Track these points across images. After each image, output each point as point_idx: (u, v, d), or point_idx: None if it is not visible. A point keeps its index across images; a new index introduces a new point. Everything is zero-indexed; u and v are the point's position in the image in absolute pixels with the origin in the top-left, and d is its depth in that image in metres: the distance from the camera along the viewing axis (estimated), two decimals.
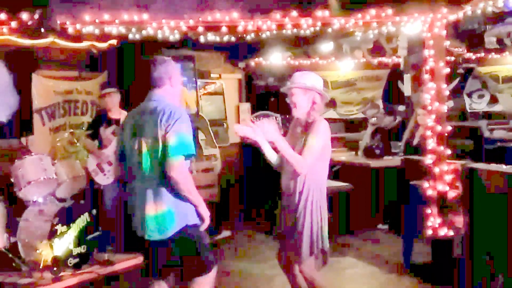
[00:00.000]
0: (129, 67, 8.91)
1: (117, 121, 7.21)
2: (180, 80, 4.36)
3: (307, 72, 4.65)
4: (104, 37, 7.67)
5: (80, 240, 6.54)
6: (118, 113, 7.35)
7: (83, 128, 8.55)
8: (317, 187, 4.53)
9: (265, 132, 4.43)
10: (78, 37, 7.62)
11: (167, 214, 3.99)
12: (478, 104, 13.87)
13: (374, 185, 8.37)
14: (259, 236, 8.42)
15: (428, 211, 6.27)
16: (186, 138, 3.92)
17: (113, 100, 7.40)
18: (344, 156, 9.34)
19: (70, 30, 6.44)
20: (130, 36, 6.97)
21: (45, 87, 8.54)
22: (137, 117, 4.16)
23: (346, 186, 8.06)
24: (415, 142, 8.53)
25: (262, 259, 7.17)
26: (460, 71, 13.06)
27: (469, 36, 11.18)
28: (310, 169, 4.44)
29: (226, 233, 8.48)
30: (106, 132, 7.27)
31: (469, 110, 13.74)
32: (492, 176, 5.50)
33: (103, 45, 8.51)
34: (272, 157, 4.69)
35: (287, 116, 12.25)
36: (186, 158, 3.97)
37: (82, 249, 6.53)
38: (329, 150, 4.60)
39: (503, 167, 5.49)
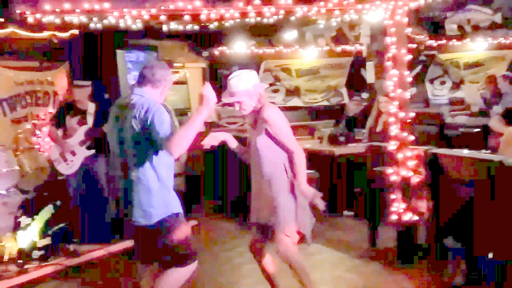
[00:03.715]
0: (91, 57, 8.84)
1: (83, 112, 7.21)
2: (166, 90, 4.36)
3: (240, 75, 4.56)
4: (65, 26, 7.56)
5: (45, 232, 6.47)
6: (85, 104, 7.31)
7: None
8: (282, 166, 4.64)
9: None
10: (38, 27, 7.50)
11: (152, 201, 4.13)
12: (440, 91, 14.05)
13: (339, 172, 8.42)
14: (225, 225, 8.42)
15: (392, 196, 6.34)
16: (166, 123, 4.00)
17: (83, 92, 7.36)
18: (309, 143, 9.37)
19: (30, 19, 6.34)
20: (92, 25, 6.89)
21: (5, 78, 8.41)
22: (117, 110, 4.29)
23: (313, 174, 8.08)
24: (378, 128, 8.60)
25: (229, 247, 7.18)
26: (422, 58, 13.23)
27: (430, 23, 11.34)
28: (274, 150, 4.58)
29: (192, 222, 8.45)
30: (71, 121, 7.22)
31: (431, 97, 13.92)
32: (454, 161, 5.59)
33: (64, 35, 8.40)
34: (239, 148, 4.85)
35: None
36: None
37: (47, 241, 6.47)
38: None
39: (464, 152, 5.59)
